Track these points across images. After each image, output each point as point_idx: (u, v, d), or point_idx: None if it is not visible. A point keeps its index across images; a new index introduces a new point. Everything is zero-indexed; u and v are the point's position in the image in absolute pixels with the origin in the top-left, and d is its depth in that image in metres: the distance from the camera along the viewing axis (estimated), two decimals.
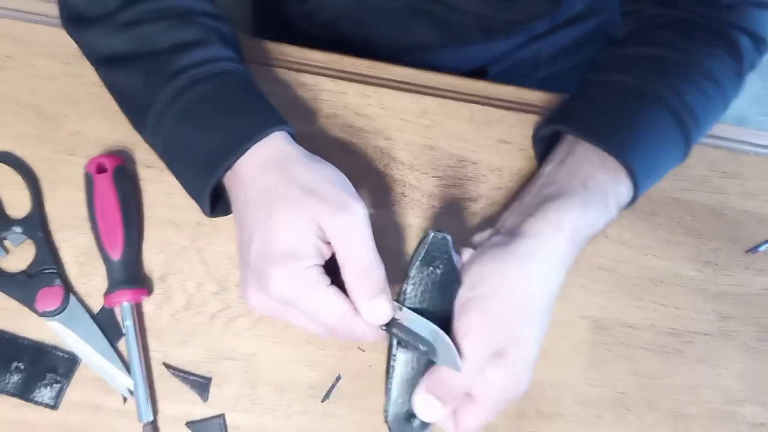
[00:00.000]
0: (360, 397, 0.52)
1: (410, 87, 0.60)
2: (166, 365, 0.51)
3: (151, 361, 0.51)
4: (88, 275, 0.52)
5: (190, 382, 0.51)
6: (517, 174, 0.59)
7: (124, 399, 0.50)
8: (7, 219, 0.52)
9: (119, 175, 0.51)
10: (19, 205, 0.52)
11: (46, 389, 0.49)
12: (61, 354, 0.50)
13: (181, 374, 0.51)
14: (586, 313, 0.57)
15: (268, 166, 0.45)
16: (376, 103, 0.58)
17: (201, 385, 0.51)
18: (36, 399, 0.49)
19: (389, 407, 0.46)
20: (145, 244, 0.53)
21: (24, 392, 0.49)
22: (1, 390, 0.49)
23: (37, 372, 0.49)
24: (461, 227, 0.57)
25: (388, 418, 0.46)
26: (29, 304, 0.50)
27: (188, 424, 0.50)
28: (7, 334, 0.50)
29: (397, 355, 0.46)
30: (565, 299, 0.56)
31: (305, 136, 0.57)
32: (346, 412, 0.52)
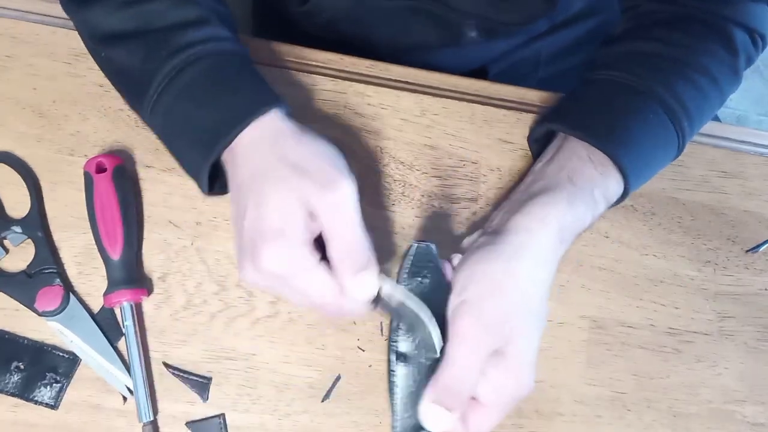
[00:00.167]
0: (360, 397, 0.52)
1: (410, 87, 0.60)
2: (166, 365, 0.51)
3: (151, 361, 0.51)
4: (88, 275, 0.52)
5: (190, 382, 0.51)
6: (517, 174, 0.59)
7: (124, 399, 0.50)
8: (7, 219, 0.52)
9: (119, 175, 0.51)
10: (19, 205, 0.52)
11: (46, 389, 0.49)
12: (61, 354, 0.50)
13: (181, 374, 0.51)
14: (585, 313, 0.57)
15: (260, 144, 0.45)
16: (376, 103, 0.58)
17: (201, 384, 0.51)
18: (36, 399, 0.49)
19: (396, 423, 0.46)
20: (145, 244, 0.53)
21: (24, 392, 0.49)
22: (1, 390, 0.49)
23: (37, 372, 0.49)
24: (461, 227, 0.57)
25: None
26: (29, 304, 0.50)
27: (188, 424, 0.50)
28: (7, 334, 0.50)
29: (396, 371, 0.47)
30: (565, 299, 0.56)
31: None
32: (346, 412, 0.52)
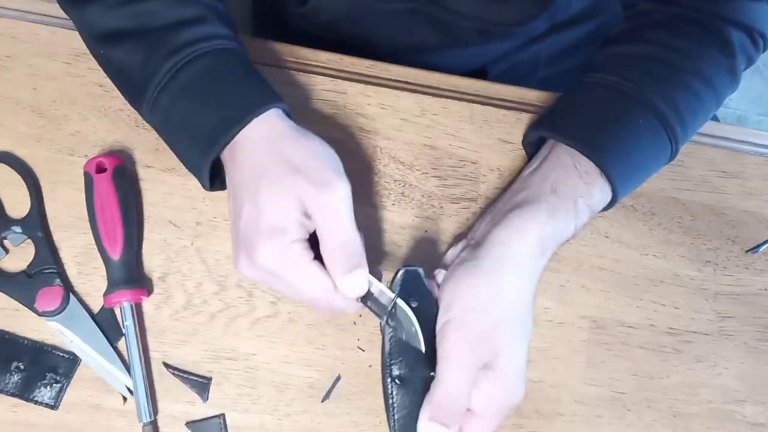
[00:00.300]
0: (360, 397, 0.52)
1: (410, 87, 0.60)
2: (166, 365, 0.51)
3: (151, 361, 0.51)
4: (88, 275, 0.52)
5: (190, 382, 0.51)
6: (517, 174, 0.59)
7: (124, 399, 0.50)
8: (7, 219, 0.52)
9: (119, 175, 0.51)
10: (19, 205, 0.52)
11: (46, 389, 0.49)
12: (61, 354, 0.50)
13: (181, 374, 0.51)
14: (585, 313, 0.57)
15: (259, 144, 0.46)
16: (376, 103, 0.58)
17: (201, 385, 0.51)
18: (36, 399, 0.49)
19: None
20: (145, 244, 0.53)
21: (24, 392, 0.49)
22: (1, 390, 0.49)
23: (37, 372, 0.49)
24: (461, 227, 0.57)
25: None
26: (29, 304, 0.50)
27: (188, 424, 0.50)
28: (7, 334, 0.50)
29: (393, 393, 0.47)
30: (565, 299, 0.56)
31: None
32: (346, 412, 0.52)
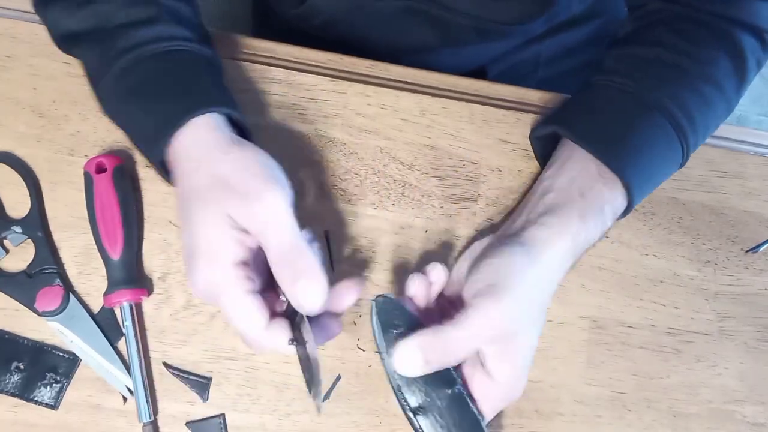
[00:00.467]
0: (360, 397, 0.52)
1: (410, 87, 0.60)
2: (166, 365, 0.51)
3: (151, 361, 0.51)
4: (88, 275, 0.52)
5: (190, 382, 0.51)
6: (517, 174, 0.59)
7: (124, 399, 0.50)
8: (7, 219, 0.52)
9: (119, 175, 0.51)
10: (19, 205, 0.52)
11: (46, 389, 0.49)
12: (61, 354, 0.50)
13: (181, 374, 0.51)
14: (585, 313, 0.57)
15: (192, 160, 0.45)
16: (376, 103, 0.58)
17: (201, 384, 0.51)
18: (36, 399, 0.49)
19: None
20: (145, 244, 0.53)
21: (24, 392, 0.49)
22: (1, 390, 0.49)
23: (37, 372, 0.49)
24: (461, 227, 0.57)
25: None
26: (29, 304, 0.50)
27: (188, 424, 0.50)
28: (7, 334, 0.50)
29: (420, 425, 0.46)
30: (565, 299, 0.56)
31: (305, 136, 0.57)
32: (346, 412, 0.52)
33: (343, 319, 0.53)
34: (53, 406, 0.49)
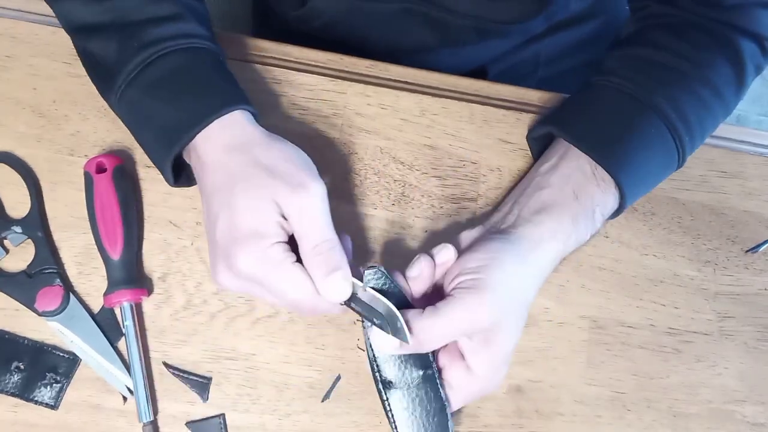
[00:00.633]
0: (360, 397, 0.52)
1: (410, 87, 0.60)
2: (166, 365, 0.51)
3: (151, 361, 0.51)
4: (88, 275, 0.52)
5: (190, 382, 0.51)
6: (517, 174, 0.59)
7: (124, 399, 0.50)
8: (7, 219, 0.52)
9: (119, 175, 0.51)
10: (19, 205, 0.52)
11: (46, 389, 0.49)
12: (61, 354, 0.50)
13: (181, 374, 0.51)
14: (585, 313, 0.57)
15: (231, 149, 0.46)
16: (376, 103, 0.58)
17: (201, 384, 0.51)
18: (36, 399, 0.49)
19: None
20: (145, 244, 0.53)
21: (24, 392, 0.49)
22: (1, 390, 0.49)
23: (37, 372, 0.49)
24: (461, 227, 0.57)
25: None
26: (29, 304, 0.50)
27: (188, 424, 0.50)
28: (7, 334, 0.50)
29: (389, 398, 0.48)
30: (565, 299, 0.56)
31: (305, 136, 0.57)
32: (346, 412, 0.52)
33: (343, 320, 0.53)
34: (53, 406, 0.49)
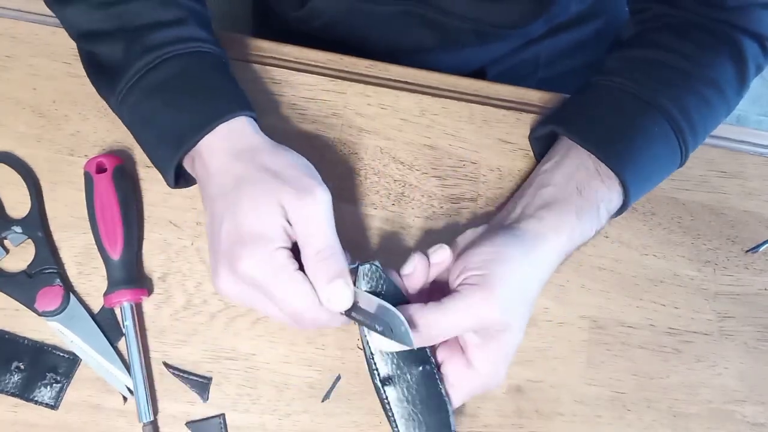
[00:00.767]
0: (360, 397, 0.52)
1: (410, 87, 0.60)
2: (166, 365, 0.51)
3: (151, 361, 0.51)
4: (88, 275, 0.52)
5: (190, 382, 0.51)
6: (517, 174, 0.59)
7: (124, 399, 0.50)
8: (7, 219, 0.52)
9: (119, 175, 0.51)
10: (19, 205, 0.52)
11: (46, 389, 0.49)
12: (61, 354, 0.50)
13: (181, 374, 0.51)
14: (585, 313, 0.57)
15: (238, 154, 0.46)
16: (376, 103, 0.58)
17: (201, 384, 0.51)
18: (36, 399, 0.49)
19: None
20: (145, 244, 0.53)
21: (24, 392, 0.49)
22: (1, 390, 0.49)
23: (37, 372, 0.49)
24: (461, 227, 0.57)
25: None
26: (29, 304, 0.50)
27: (188, 424, 0.50)
28: (7, 334, 0.50)
29: (387, 395, 0.47)
30: (565, 299, 0.56)
31: (305, 136, 0.57)
32: (346, 412, 0.52)
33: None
34: (53, 406, 0.49)
